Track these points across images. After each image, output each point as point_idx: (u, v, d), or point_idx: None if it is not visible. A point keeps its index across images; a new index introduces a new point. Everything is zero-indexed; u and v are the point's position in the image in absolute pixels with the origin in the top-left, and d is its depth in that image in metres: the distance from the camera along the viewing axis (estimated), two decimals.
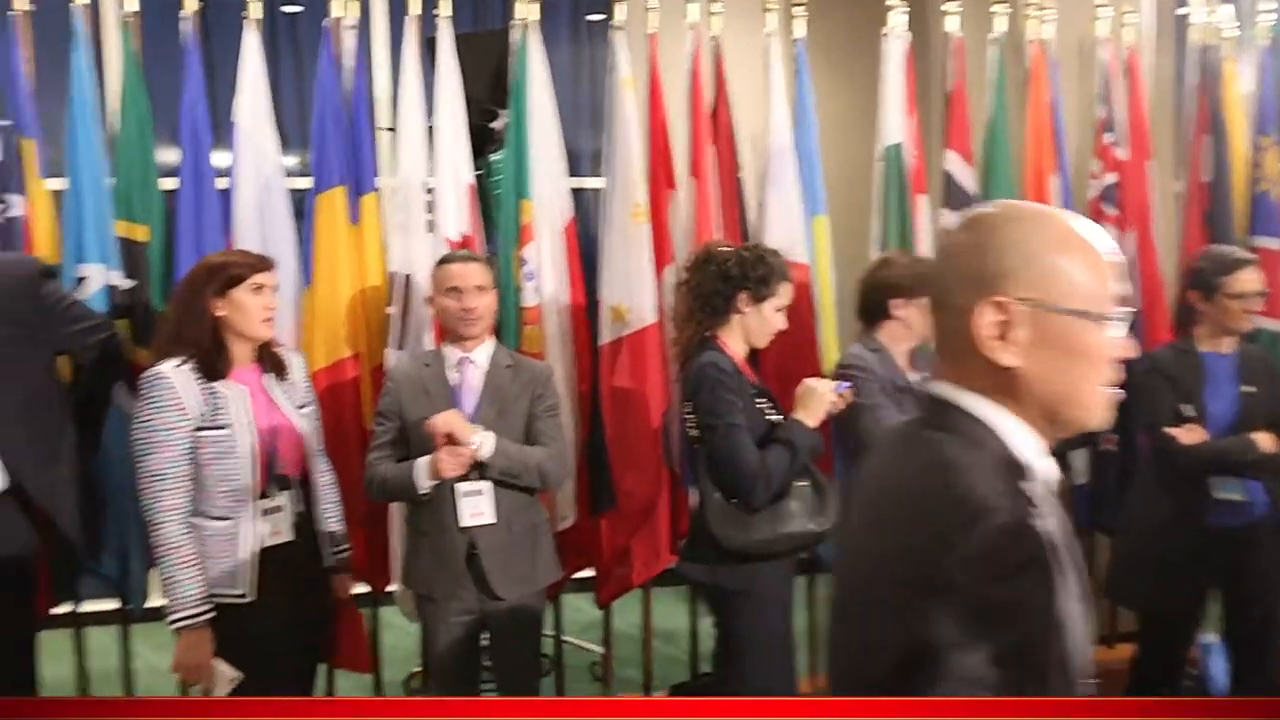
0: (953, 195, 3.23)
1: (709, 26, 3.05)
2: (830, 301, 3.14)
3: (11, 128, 2.63)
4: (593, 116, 4.38)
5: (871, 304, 2.58)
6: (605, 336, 2.92)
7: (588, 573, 3.08)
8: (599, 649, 3.39)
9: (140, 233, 2.70)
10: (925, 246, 3.14)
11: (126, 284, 2.67)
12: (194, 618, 2.10)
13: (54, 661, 2.77)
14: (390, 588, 2.90)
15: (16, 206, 2.61)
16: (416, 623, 2.87)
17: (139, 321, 2.68)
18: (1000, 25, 3.25)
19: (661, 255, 2.93)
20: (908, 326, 2.56)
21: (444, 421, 2.26)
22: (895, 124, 3.15)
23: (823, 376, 2.68)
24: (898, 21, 3.17)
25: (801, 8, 3.12)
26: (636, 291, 2.87)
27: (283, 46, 4.04)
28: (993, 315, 0.98)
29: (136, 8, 2.72)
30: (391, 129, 2.94)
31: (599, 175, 3.10)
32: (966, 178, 3.24)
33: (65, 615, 2.80)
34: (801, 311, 2.94)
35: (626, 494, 2.92)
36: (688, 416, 2.43)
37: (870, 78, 3.26)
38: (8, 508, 2.26)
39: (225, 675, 2.14)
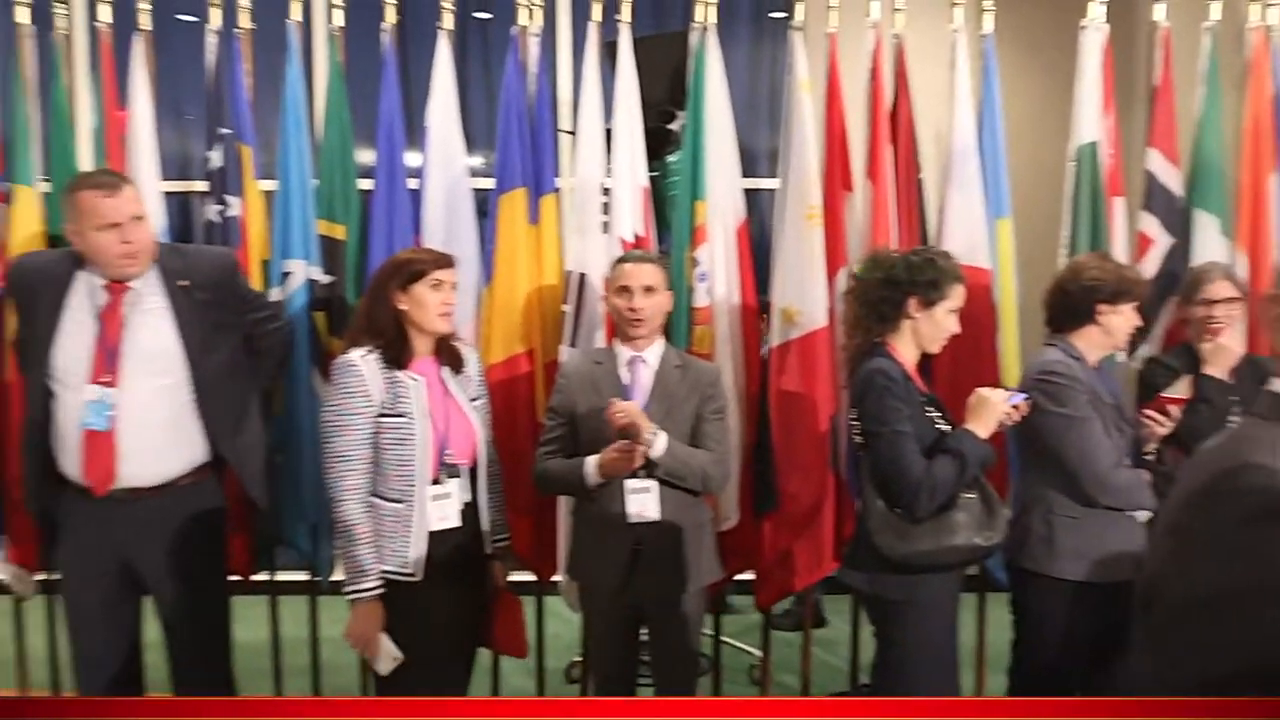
0: (1155, 197, 3.02)
1: (891, 24, 2.97)
2: (1012, 308, 3.00)
3: (232, 135, 2.86)
4: (769, 116, 4.37)
5: (1072, 308, 2.44)
6: (775, 339, 2.90)
7: (749, 575, 3.07)
8: (757, 652, 3.38)
9: (339, 231, 2.89)
10: (1120, 251, 2.95)
11: (325, 279, 2.87)
12: (366, 591, 2.24)
13: (252, 626, 3.01)
14: (555, 578, 2.99)
15: (234, 207, 2.85)
16: (579, 613, 2.95)
17: (335, 314, 2.87)
18: (1215, 12, 3.01)
19: (835, 258, 2.88)
20: (1108, 333, 2.43)
21: (625, 409, 2.31)
22: (1091, 121, 2.97)
23: (1000, 385, 2.56)
24: (1097, 13, 2.99)
25: (990, 1, 2.99)
26: (808, 294, 2.84)
27: (471, 53, 4.25)
28: None
29: (342, 22, 2.91)
30: (571, 132, 3.02)
31: (774, 176, 3.07)
32: (1171, 179, 3.02)
33: (263, 583, 3.04)
34: (980, 318, 2.83)
35: (790, 497, 2.90)
36: (854, 423, 2.39)
37: (1063, 73, 3.09)
38: (206, 478, 2.47)
39: (389, 653, 2.26)
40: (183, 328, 2.35)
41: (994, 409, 2.26)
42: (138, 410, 2.30)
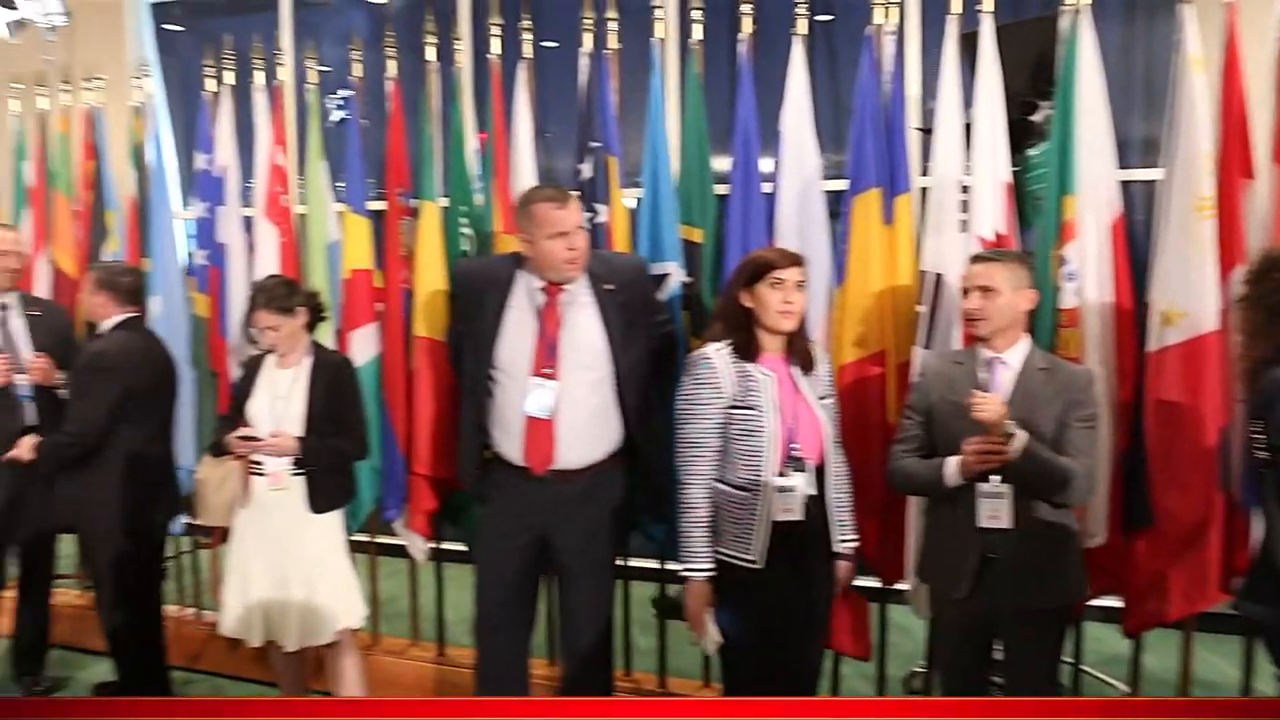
0: None
1: None
2: None
3: (601, 148, 3.10)
4: (1146, 100, 4.01)
5: None
6: (1153, 343, 2.66)
7: (1115, 601, 2.84)
8: (1123, 686, 3.11)
9: (697, 234, 3.04)
10: None
11: (686, 280, 3.02)
12: (698, 571, 2.37)
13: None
14: (901, 585, 2.94)
15: (602, 214, 3.08)
16: (925, 619, 2.88)
17: (694, 313, 3.02)
18: None
19: (1229, 254, 2.59)
20: None
21: (987, 403, 2.24)
22: None
23: None
24: None
25: None
26: (1195, 294, 2.57)
27: (818, 55, 4.29)
28: None
29: (700, 36, 3.05)
30: (927, 129, 2.95)
31: (1153, 166, 2.82)
32: None
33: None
34: None
35: (1167, 514, 2.64)
36: (1256, 436, 2.13)
37: None
38: (619, 464, 2.70)
39: (713, 636, 2.39)
40: (608, 326, 2.61)
41: None
42: (573, 400, 2.58)
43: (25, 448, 3.24)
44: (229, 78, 3.67)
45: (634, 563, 3.27)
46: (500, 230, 3.18)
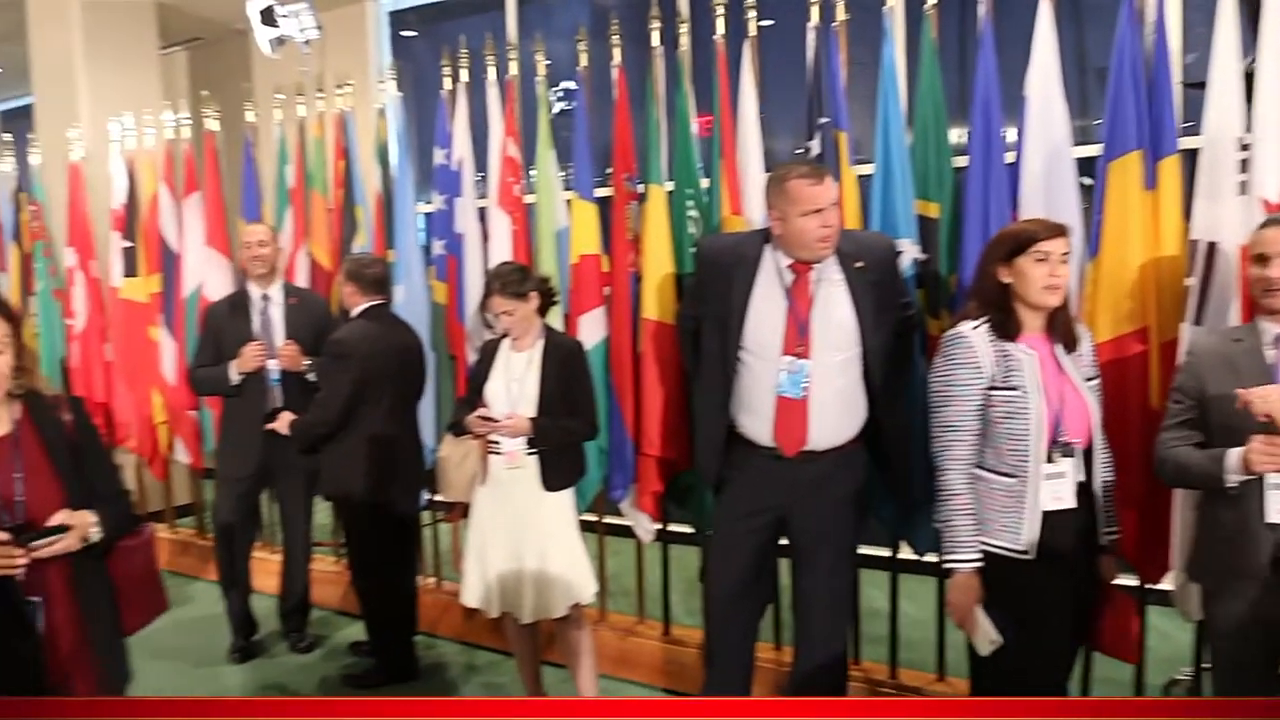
0: None
1: None
2: None
3: (829, 123, 3.02)
4: None
5: None
6: None
7: None
8: None
9: (932, 209, 2.90)
10: None
11: (920, 257, 2.90)
12: (963, 562, 2.24)
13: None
14: (1162, 585, 2.70)
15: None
16: (1193, 622, 2.64)
17: (930, 292, 2.89)
18: None
19: None
20: None
21: (1263, 395, 2.01)
22: None
23: None
24: None
25: None
26: None
27: (1063, 14, 3.99)
28: None
29: (934, 0, 2.91)
30: (1196, 84, 2.68)
31: None
32: None
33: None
34: None
35: None
36: None
37: None
38: (860, 447, 2.64)
39: (987, 634, 2.21)
40: (858, 305, 2.54)
41: None
42: (824, 380, 2.53)
43: (283, 423, 3.55)
44: (463, 76, 3.85)
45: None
46: (727, 212, 3.17)
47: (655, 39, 3.34)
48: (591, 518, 3.63)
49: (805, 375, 2.52)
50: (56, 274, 5.43)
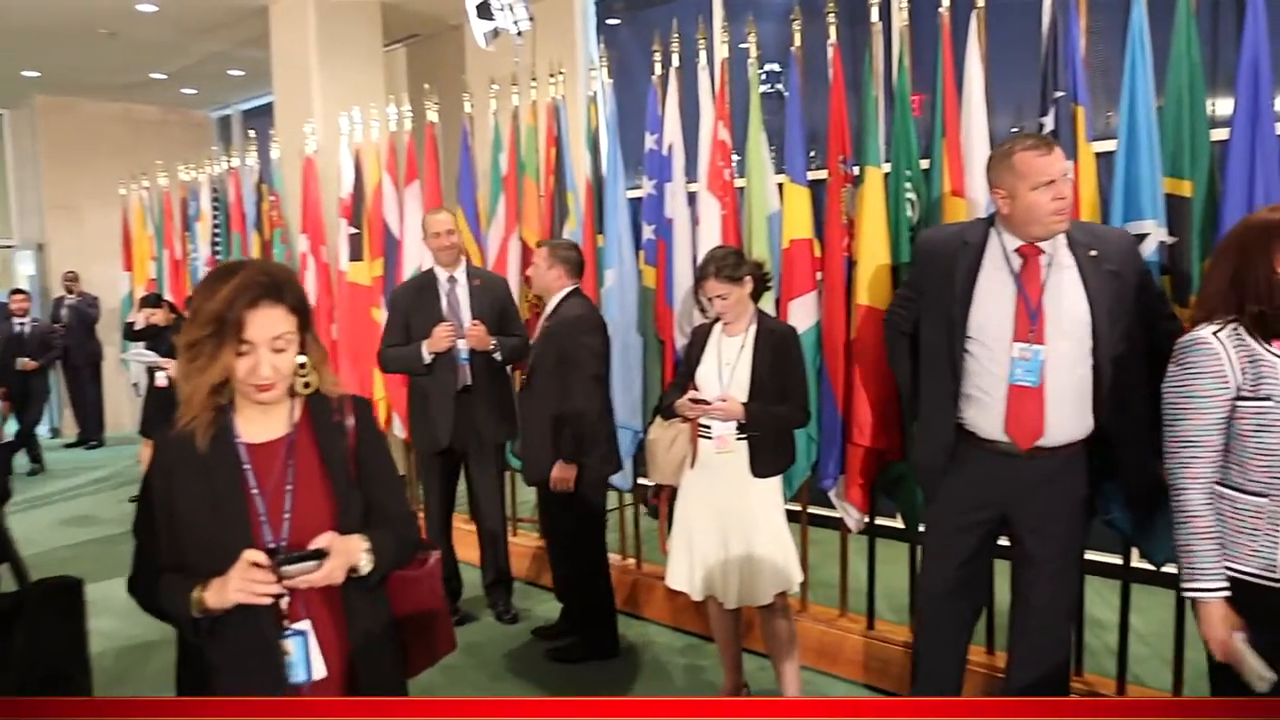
0: None
1: None
2: None
3: (1065, 97, 2.82)
4: None
5: None
6: None
7: None
8: None
9: (1185, 187, 2.66)
10: None
11: (1170, 240, 2.67)
12: (1207, 591, 2.00)
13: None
14: None
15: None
16: None
17: (1178, 279, 2.66)
18: None
19: None
20: None
21: None
22: None
23: None
24: None
25: None
26: None
27: None
28: None
29: None
30: None
31: None
32: None
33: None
34: None
35: None
36: None
37: None
38: (1085, 449, 2.47)
39: (1255, 670, 1.95)
40: (1090, 292, 2.38)
41: None
42: (1060, 368, 2.39)
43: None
44: (674, 61, 3.86)
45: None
46: (948, 191, 3.03)
47: (874, 14, 3.23)
48: (794, 507, 3.58)
49: (1040, 362, 2.37)
50: (291, 259, 5.88)
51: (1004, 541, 2.61)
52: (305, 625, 1.60)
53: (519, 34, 4.96)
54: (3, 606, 2.19)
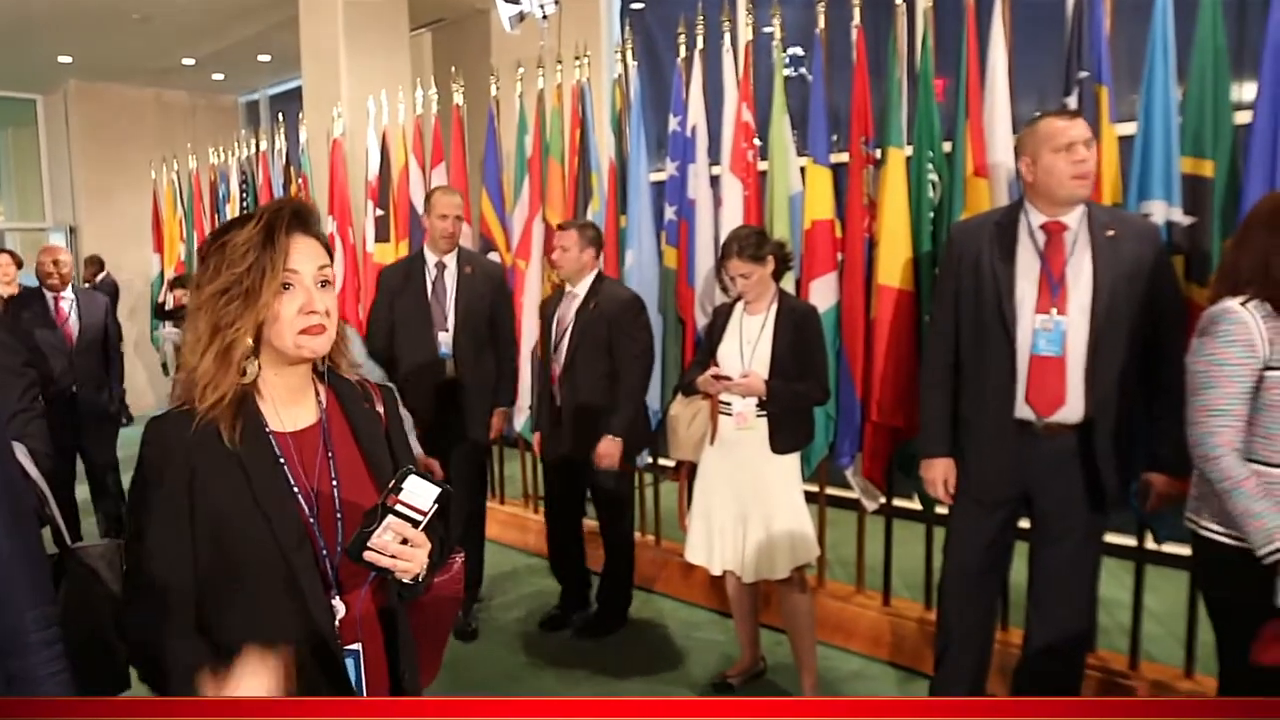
0: None
1: None
2: None
3: (1089, 78, 2.84)
4: None
5: None
6: None
7: None
8: None
9: (1206, 168, 2.67)
10: None
11: (1186, 220, 2.68)
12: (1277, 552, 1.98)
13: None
14: None
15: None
16: None
17: (1194, 259, 2.68)
18: None
19: None
20: None
21: None
22: None
23: None
24: None
25: None
26: None
27: None
28: None
29: None
30: None
31: None
32: None
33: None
34: None
35: None
36: None
37: None
38: (1102, 428, 2.48)
39: None
40: (1097, 266, 2.41)
41: None
42: (1079, 342, 2.43)
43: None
44: (698, 43, 3.90)
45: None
46: (971, 173, 3.05)
47: None
48: (813, 489, 3.61)
49: (1063, 333, 2.41)
50: None
51: (1022, 524, 2.65)
52: (357, 646, 1.36)
53: (544, 17, 5.01)
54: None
